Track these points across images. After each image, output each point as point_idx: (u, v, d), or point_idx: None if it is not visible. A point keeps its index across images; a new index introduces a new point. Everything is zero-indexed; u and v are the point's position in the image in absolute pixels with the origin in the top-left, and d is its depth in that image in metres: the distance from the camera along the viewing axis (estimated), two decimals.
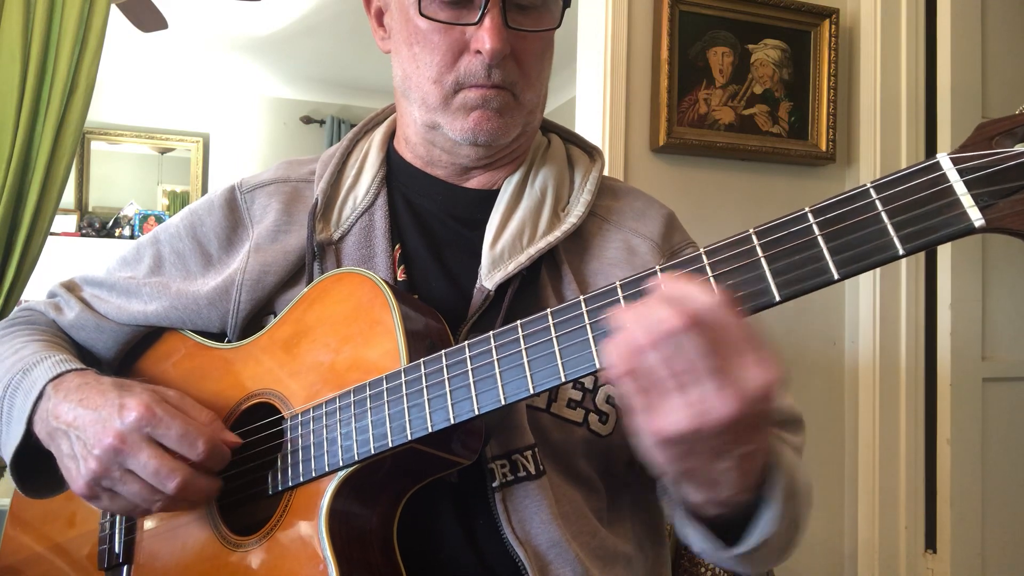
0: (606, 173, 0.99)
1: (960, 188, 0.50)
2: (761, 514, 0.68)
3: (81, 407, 0.79)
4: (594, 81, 1.99)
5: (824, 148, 2.10)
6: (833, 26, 2.10)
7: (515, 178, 0.92)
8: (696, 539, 0.72)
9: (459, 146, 0.87)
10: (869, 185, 0.53)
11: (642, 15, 1.98)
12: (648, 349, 0.55)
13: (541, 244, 0.86)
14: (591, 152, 0.99)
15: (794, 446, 0.88)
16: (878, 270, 2.10)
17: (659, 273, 0.59)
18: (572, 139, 1.01)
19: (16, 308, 1.04)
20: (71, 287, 1.01)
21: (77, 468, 0.78)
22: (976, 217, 0.50)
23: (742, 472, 0.62)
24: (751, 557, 0.72)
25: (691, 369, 0.55)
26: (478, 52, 0.81)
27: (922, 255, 2.15)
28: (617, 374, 0.57)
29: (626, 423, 0.86)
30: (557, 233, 0.87)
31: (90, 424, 0.77)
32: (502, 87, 0.83)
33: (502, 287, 0.84)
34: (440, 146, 0.89)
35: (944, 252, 2.10)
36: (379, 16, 0.94)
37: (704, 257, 0.58)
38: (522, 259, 0.85)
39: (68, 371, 0.85)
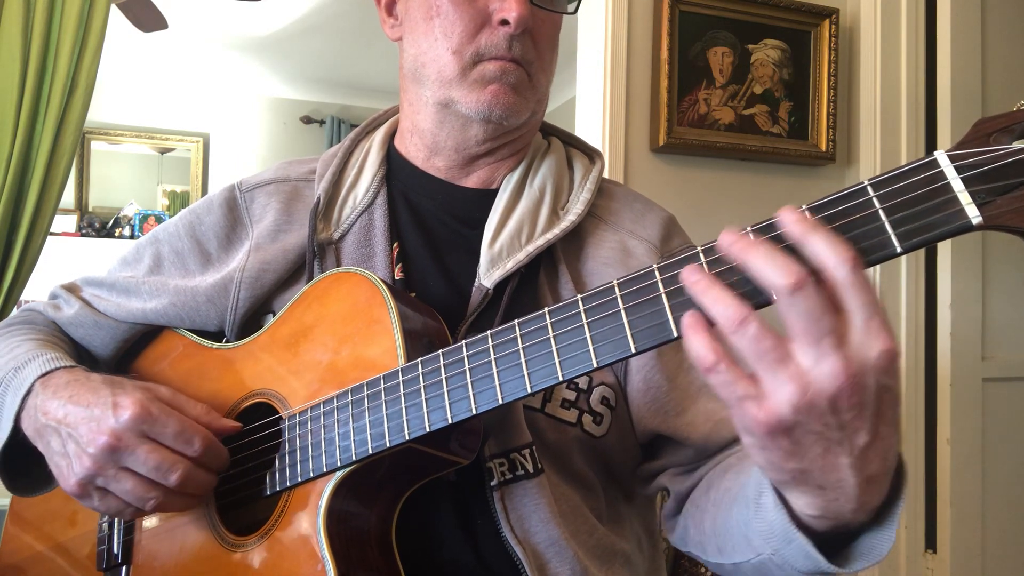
0: (606, 175, 0.99)
1: (958, 185, 0.50)
2: (877, 529, 0.59)
3: (71, 404, 0.78)
4: (594, 81, 1.99)
5: (824, 148, 2.10)
6: (833, 26, 2.10)
7: (515, 176, 0.92)
8: (796, 554, 0.61)
9: (469, 125, 0.88)
10: (867, 183, 0.53)
11: (642, 15, 1.98)
12: (750, 321, 0.50)
13: (540, 242, 0.86)
14: (591, 154, 0.99)
15: None
16: (878, 271, 2.10)
17: (656, 272, 0.58)
18: (572, 142, 1.01)
19: (17, 309, 1.05)
20: (72, 288, 1.02)
21: (69, 466, 0.77)
22: (974, 214, 0.49)
23: (864, 476, 0.54)
24: None
25: (804, 332, 0.50)
26: (502, 23, 0.83)
27: (922, 255, 2.15)
28: (710, 363, 0.52)
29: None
30: (556, 231, 0.87)
31: (82, 422, 0.76)
32: (520, 63, 0.85)
33: (500, 285, 0.85)
34: (448, 129, 0.89)
35: (944, 252, 2.10)
36: (389, 6, 0.94)
37: (702, 255, 0.58)
38: (520, 257, 0.85)
39: (58, 368, 0.84)
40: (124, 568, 0.88)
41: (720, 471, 0.79)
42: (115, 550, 0.89)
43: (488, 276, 0.84)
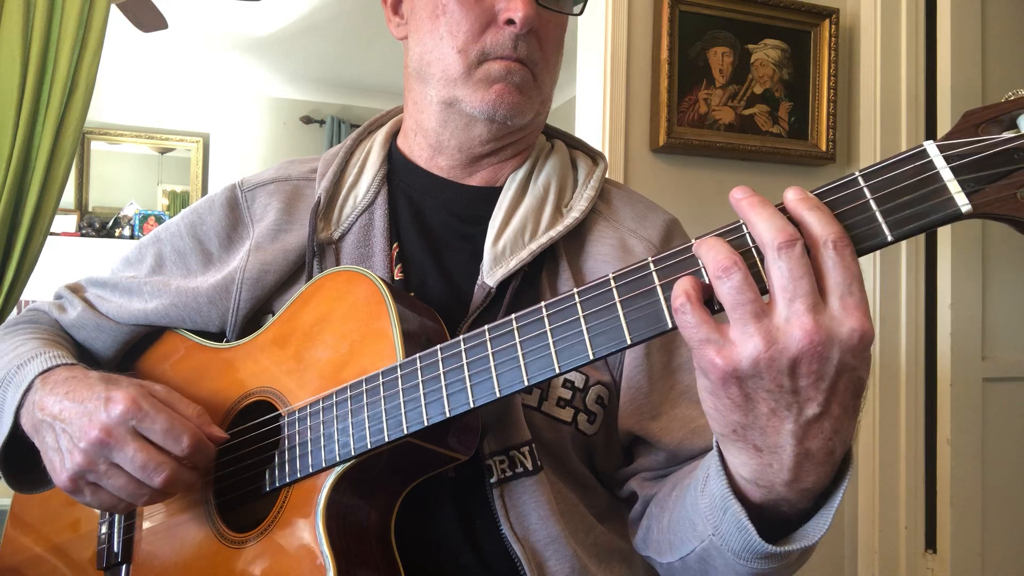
0: (607, 175, 1.00)
1: (947, 174, 0.51)
2: (813, 516, 0.60)
3: (67, 400, 0.79)
4: (594, 81, 1.99)
5: (824, 148, 2.10)
6: (833, 26, 2.10)
7: (519, 174, 0.92)
8: (731, 527, 0.61)
9: (473, 124, 0.88)
10: (858, 173, 0.54)
11: (642, 15, 1.98)
12: (736, 270, 0.52)
13: (543, 240, 0.86)
14: (595, 156, 1.00)
15: None
16: (878, 270, 2.10)
17: (651, 264, 0.59)
18: (576, 144, 1.01)
19: (18, 309, 1.05)
20: (76, 289, 1.03)
21: (61, 461, 0.78)
22: (963, 203, 0.50)
23: (803, 448, 0.55)
24: (774, 567, 0.62)
25: (782, 289, 0.51)
26: (507, 23, 0.83)
27: (922, 256, 2.15)
28: (679, 304, 0.53)
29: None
30: (559, 228, 0.88)
31: (76, 417, 0.77)
32: (525, 64, 0.85)
33: (503, 283, 0.85)
34: (452, 128, 0.89)
35: (944, 252, 2.11)
36: (395, 4, 0.95)
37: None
38: (524, 255, 0.85)
39: (58, 365, 0.85)
40: (124, 567, 0.88)
41: (687, 470, 0.79)
42: (115, 548, 0.89)
43: (491, 275, 0.84)
